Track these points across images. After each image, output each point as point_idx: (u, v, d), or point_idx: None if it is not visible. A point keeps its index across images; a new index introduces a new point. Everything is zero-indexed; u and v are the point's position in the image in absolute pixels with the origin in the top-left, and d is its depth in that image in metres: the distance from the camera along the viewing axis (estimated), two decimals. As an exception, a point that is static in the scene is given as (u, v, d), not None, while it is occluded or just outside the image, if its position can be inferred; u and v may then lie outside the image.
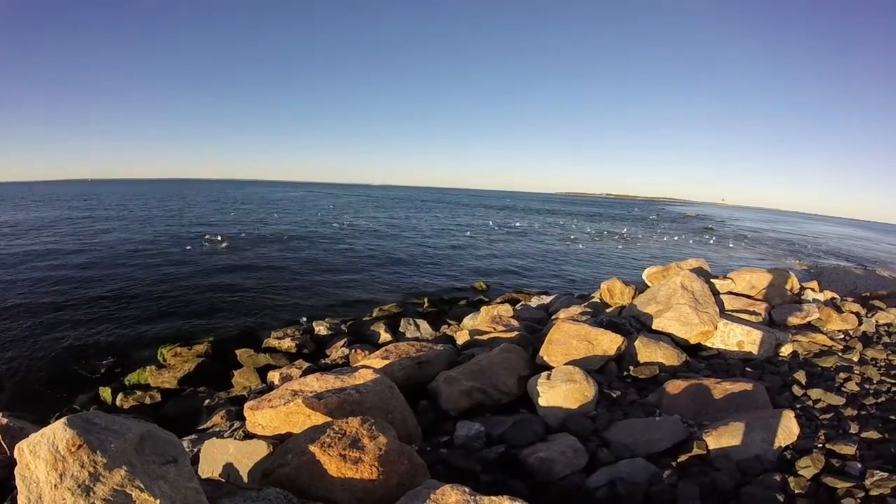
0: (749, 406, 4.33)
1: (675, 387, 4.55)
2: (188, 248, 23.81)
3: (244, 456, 3.88)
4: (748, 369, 5.66)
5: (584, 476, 3.41)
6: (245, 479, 3.86)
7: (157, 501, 2.26)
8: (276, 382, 7.54)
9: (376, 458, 2.76)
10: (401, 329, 11.38)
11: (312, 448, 2.85)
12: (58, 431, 2.34)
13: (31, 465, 2.31)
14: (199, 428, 6.62)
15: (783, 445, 3.69)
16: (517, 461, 3.62)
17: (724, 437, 3.67)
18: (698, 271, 7.38)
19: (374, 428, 3.00)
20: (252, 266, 20.16)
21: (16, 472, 2.36)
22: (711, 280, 7.88)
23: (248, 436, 4.34)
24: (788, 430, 3.79)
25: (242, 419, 6.19)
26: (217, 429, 6.04)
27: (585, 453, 3.61)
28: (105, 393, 8.62)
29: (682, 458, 3.53)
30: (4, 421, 5.91)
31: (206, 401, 7.71)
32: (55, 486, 2.19)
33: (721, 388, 4.45)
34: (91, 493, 2.17)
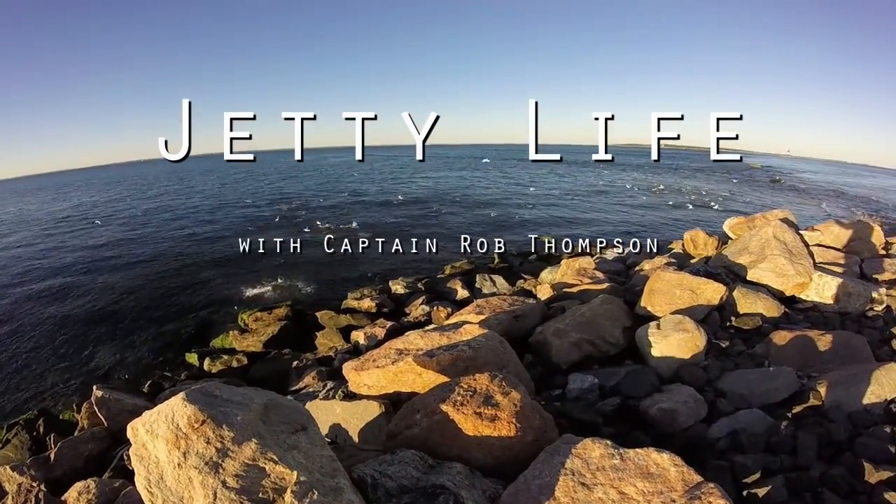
0: (853, 359, 4.23)
1: (781, 338, 4.54)
2: (264, 213, 24.97)
3: (353, 416, 3.98)
4: (847, 322, 5.50)
5: (704, 427, 3.43)
6: (355, 439, 3.94)
7: (295, 474, 2.12)
8: (362, 342, 7.90)
9: (513, 414, 2.71)
10: (477, 285, 11.41)
11: (445, 407, 2.79)
12: (177, 408, 2.22)
13: (149, 444, 2.20)
14: (292, 389, 6.98)
15: (888, 398, 3.64)
16: (637, 413, 3.62)
17: (834, 389, 3.64)
18: (786, 222, 7.03)
19: (505, 383, 2.89)
20: (315, 230, 20.97)
21: (131, 452, 2.27)
22: (800, 232, 7.52)
23: (351, 396, 4.46)
24: (894, 382, 3.73)
25: (336, 379, 6.49)
26: (311, 389, 6.28)
27: (704, 404, 3.62)
28: (191, 358, 9.32)
29: (797, 409, 3.56)
30: (100, 394, 6.14)
31: (294, 363, 8.17)
32: (178, 465, 2.08)
33: (825, 340, 4.35)
34: (220, 471, 2.06)
